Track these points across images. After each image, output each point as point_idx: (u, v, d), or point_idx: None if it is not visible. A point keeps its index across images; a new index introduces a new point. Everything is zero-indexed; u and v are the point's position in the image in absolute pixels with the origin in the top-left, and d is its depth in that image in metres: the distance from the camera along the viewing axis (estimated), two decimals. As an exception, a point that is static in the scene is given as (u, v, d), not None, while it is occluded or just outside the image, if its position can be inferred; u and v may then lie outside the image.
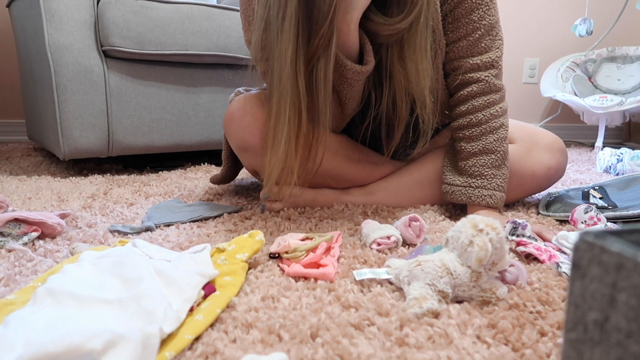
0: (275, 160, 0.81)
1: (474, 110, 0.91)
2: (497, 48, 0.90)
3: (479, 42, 0.89)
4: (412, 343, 0.47)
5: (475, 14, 0.88)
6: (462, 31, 0.89)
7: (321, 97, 0.80)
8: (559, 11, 2.63)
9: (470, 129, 0.91)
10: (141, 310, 0.48)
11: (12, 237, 0.76)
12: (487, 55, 0.90)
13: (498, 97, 0.91)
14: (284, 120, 0.79)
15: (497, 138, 0.90)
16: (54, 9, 1.29)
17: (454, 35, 0.90)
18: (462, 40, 0.90)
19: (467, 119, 0.91)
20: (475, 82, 0.91)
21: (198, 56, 1.47)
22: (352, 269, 0.66)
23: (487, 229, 0.55)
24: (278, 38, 0.76)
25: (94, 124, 1.37)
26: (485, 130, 0.90)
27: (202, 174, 1.44)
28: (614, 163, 1.52)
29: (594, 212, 0.85)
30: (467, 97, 0.91)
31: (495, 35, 0.90)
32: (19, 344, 0.41)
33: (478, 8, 0.88)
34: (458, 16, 0.88)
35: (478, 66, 0.90)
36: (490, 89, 0.90)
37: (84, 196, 1.12)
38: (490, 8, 0.88)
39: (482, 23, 0.88)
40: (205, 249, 0.65)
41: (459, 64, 0.91)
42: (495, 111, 0.90)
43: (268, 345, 0.47)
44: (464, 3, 0.87)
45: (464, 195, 0.91)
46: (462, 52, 0.90)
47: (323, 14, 0.74)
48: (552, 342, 0.48)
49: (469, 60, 0.90)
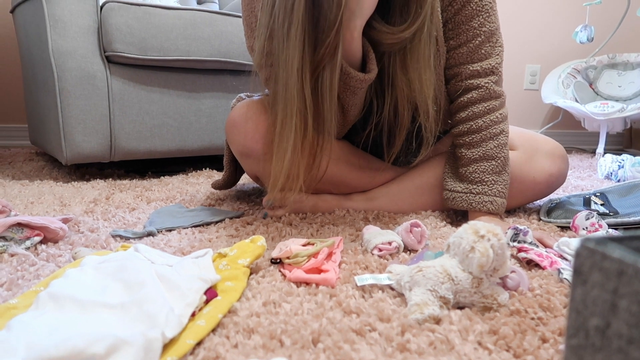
0: (281, 167, 0.81)
1: (474, 116, 0.91)
2: (497, 55, 0.91)
3: (479, 49, 0.90)
4: (414, 349, 0.47)
5: (475, 21, 0.88)
6: (462, 38, 0.90)
7: (327, 105, 0.80)
8: (559, 18, 2.64)
9: (470, 135, 0.91)
10: (143, 315, 0.48)
11: (15, 241, 0.76)
12: (487, 62, 0.90)
13: (498, 103, 0.91)
14: (290, 127, 0.79)
15: (498, 144, 0.90)
16: (58, 15, 1.30)
17: (454, 42, 0.90)
18: (463, 47, 0.90)
19: (467, 126, 0.92)
20: (475, 88, 0.91)
21: (200, 62, 1.48)
22: (354, 274, 0.66)
23: (489, 235, 0.55)
24: (284, 46, 0.77)
25: (96, 129, 1.38)
26: (485, 136, 0.90)
27: (204, 179, 1.45)
28: (615, 169, 1.52)
29: (595, 219, 0.85)
30: (467, 103, 0.92)
31: (495, 42, 0.90)
32: (22, 348, 0.41)
33: (479, 15, 0.88)
34: (459, 23, 0.89)
35: (478, 73, 0.90)
36: (490, 95, 0.91)
37: (86, 201, 1.12)
38: (490, 15, 0.89)
39: (483, 30, 0.89)
40: (207, 254, 0.65)
41: (459, 70, 0.92)
42: (495, 117, 0.90)
43: (269, 350, 0.48)
44: (464, 10, 0.88)
45: (464, 201, 0.91)
46: (462, 58, 0.91)
47: (330, 22, 0.74)
48: (553, 348, 0.48)
49: (469, 66, 0.91)
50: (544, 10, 2.63)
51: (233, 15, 1.54)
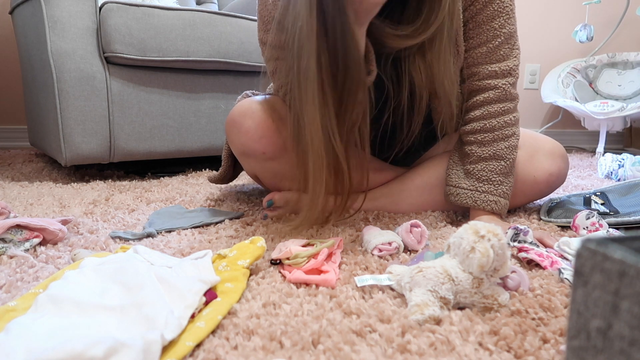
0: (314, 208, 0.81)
1: (489, 116, 0.91)
2: (515, 57, 0.91)
3: (498, 50, 0.90)
4: (414, 350, 0.47)
5: (496, 22, 0.88)
6: (482, 37, 0.89)
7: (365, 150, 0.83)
8: (559, 17, 2.64)
9: (483, 133, 0.91)
10: (142, 317, 0.48)
11: (14, 243, 0.76)
12: (506, 64, 0.90)
13: (513, 106, 0.91)
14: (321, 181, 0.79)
15: (508, 146, 0.90)
16: (57, 16, 1.30)
17: (474, 42, 0.90)
18: (482, 47, 0.90)
19: (480, 124, 0.91)
20: (492, 88, 0.91)
21: (199, 62, 1.48)
22: (354, 275, 0.66)
23: (489, 235, 0.55)
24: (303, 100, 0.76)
25: (95, 130, 1.38)
26: (497, 136, 0.90)
27: (204, 180, 1.45)
28: (616, 169, 1.52)
29: (595, 218, 0.85)
30: (483, 102, 0.92)
31: (513, 44, 0.90)
32: (21, 351, 0.41)
33: (500, 16, 0.88)
34: (480, 22, 0.89)
35: (496, 73, 0.90)
36: (506, 97, 0.90)
37: (86, 202, 1.12)
38: (510, 17, 0.89)
39: (503, 31, 0.88)
40: (206, 255, 0.65)
41: (477, 70, 0.92)
42: (509, 119, 0.90)
43: (269, 352, 0.47)
44: (486, 10, 0.88)
45: (469, 198, 0.91)
46: (481, 58, 0.91)
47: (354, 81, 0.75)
48: (554, 349, 0.48)
49: (488, 67, 0.90)
50: (544, 10, 2.63)
51: (232, 15, 1.54)
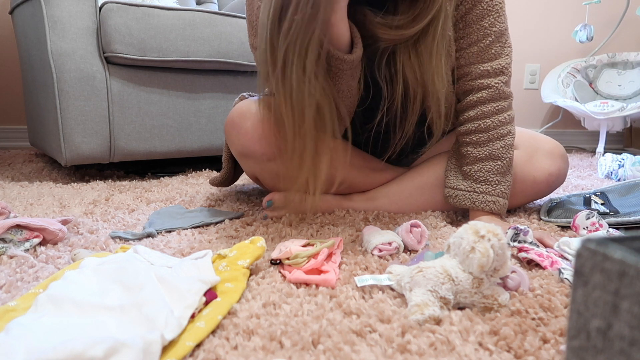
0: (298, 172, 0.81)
1: (483, 116, 0.91)
2: (506, 55, 0.90)
3: (489, 49, 0.89)
4: (414, 350, 0.47)
5: (486, 21, 0.88)
6: (473, 37, 0.89)
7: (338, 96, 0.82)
8: (559, 17, 2.64)
9: (478, 134, 0.91)
10: (142, 317, 0.48)
11: (14, 243, 0.76)
12: (497, 62, 0.90)
13: (506, 104, 0.91)
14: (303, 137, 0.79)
15: (504, 145, 0.90)
16: (57, 16, 1.30)
17: (464, 42, 0.90)
18: (473, 46, 0.90)
19: (475, 124, 0.91)
20: (485, 88, 0.91)
21: (199, 62, 1.48)
22: (354, 275, 0.66)
23: (489, 235, 0.55)
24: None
25: (95, 130, 1.38)
26: (492, 136, 0.90)
27: (204, 180, 1.45)
28: (616, 169, 1.52)
29: (595, 218, 0.85)
30: (477, 102, 0.91)
31: (504, 43, 0.90)
32: (21, 351, 0.41)
33: (489, 14, 0.88)
34: (469, 22, 0.89)
35: (488, 72, 0.90)
36: (499, 95, 0.90)
37: (86, 202, 1.12)
38: (500, 15, 0.89)
39: (493, 30, 0.88)
40: (206, 255, 0.65)
41: (469, 70, 0.91)
42: (503, 118, 0.90)
43: (269, 352, 0.47)
44: (475, 9, 0.88)
45: (467, 199, 0.91)
46: (472, 58, 0.91)
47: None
48: (554, 349, 0.48)
49: (480, 66, 0.90)
50: (544, 10, 2.63)
51: (232, 15, 1.54)
